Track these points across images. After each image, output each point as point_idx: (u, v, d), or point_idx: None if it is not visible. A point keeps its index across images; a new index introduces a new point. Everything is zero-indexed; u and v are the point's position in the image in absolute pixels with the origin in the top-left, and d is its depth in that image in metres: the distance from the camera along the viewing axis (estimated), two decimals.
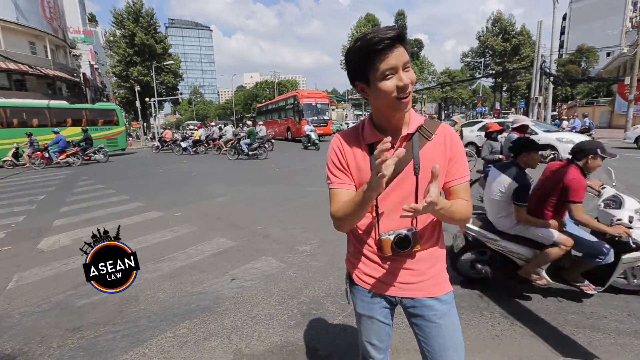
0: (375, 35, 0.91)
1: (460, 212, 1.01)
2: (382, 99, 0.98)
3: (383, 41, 0.91)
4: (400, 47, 0.92)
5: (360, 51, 0.94)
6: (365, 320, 1.19)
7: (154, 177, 10.04)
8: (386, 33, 0.91)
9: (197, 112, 77.72)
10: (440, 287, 1.11)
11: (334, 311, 2.59)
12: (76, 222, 5.35)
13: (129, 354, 2.18)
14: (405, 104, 0.97)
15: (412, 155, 1.03)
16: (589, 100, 33.46)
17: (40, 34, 26.87)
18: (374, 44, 0.91)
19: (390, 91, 0.95)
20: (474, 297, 2.74)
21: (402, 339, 2.19)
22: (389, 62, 0.92)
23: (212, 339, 2.31)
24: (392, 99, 0.97)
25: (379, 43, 0.91)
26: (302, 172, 9.76)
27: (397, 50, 0.92)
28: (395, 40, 0.91)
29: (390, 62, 0.93)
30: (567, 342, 2.15)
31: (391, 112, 1.02)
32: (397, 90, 0.95)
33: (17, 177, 11.27)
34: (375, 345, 1.20)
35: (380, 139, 1.00)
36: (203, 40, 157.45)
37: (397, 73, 0.93)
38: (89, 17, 53.63)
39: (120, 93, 40.33)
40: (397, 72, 0.93)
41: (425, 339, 1.11)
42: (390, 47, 0.92)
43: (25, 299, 2.95)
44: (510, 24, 42.48)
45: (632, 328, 2.26)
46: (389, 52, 0.91)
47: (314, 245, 3.99)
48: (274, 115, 27.33)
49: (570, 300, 2.63)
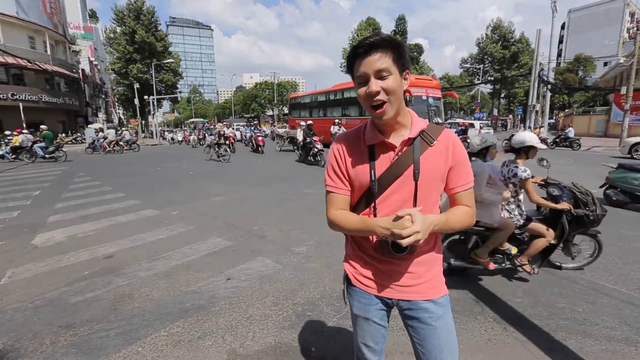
0: (360, 41, 0.93)
1: (460, 222, 1.05)
2: (363, 105, 1.02)
3: (360, 47, 0.93)
4: (376, 54, 0.92)
5: (349, 53, 0.98)
6: (361, 321, 1.20)
7: (153, 175, 10.00)
8: (366, 39, 0.92)
9: (196, 111, 77.52)
10: (437, 290, 1.12)
11: (329, 313, 2.59)
12: (71, 218, 5.32)
13: (122, 352, 2.18)
14: (379, 114, 0.97)
15: (413, 160, 1.03)
16: (586, 109, 33.75)
17: (40, 28, 26.74)
18: (353, 49, 0.95)
19: (363, 97, 0.98)
20: (468, 301, 2.75)
21: (396, 342, 2.20)
22: (360, 68, 0.95)
23: (207, 339, 2.31)
24: (366, 105, 0.99)
25: (356, 48, 0.94)
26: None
27: (372, 57, 0.92)
28: (371, 47, 0.91)
29: (360, 69, 0.95)
30: (559, 348, 2.17)
31: (376, 120, 1.03)
32: (367, 97, 0.96)
33: (12, 172, 11.18)
34: (371, 347, 1.21)
35: (382, 140, 1.04)
36: (204, 40, 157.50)
37: (368, 80, 0.94)
38: (90, 13, 53.49)
39: (119, 90, 40.13)
40: (369, 80, 0.94)
41: (421, 341, 1.11)
42: (365, 53, 0.93)
43: (18, 295, 2.93)
44: (509, 32, 42.80)
45: (623, 335, 2.29)
46: (363, 58, 0.93)
47: (310, 247, 3.99)
48: (335, 110, 18.71)
49: (562, 306, 2.65)
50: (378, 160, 1.05)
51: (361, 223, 1.03)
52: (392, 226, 0.93)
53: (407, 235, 0.89)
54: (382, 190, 1.05)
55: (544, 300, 2.74)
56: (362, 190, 1.09)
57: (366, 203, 1.09)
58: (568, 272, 3.23)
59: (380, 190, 1.05)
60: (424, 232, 0.91)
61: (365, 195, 1.08)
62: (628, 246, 3.92)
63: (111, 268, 3.42)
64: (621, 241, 4.08)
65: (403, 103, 1.03)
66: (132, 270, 3.37)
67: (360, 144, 1.08)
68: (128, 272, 3.34)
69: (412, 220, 0.91)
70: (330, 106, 19.52)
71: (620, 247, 3.89)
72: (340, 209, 1.11)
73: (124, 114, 61.31)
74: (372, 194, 1.06)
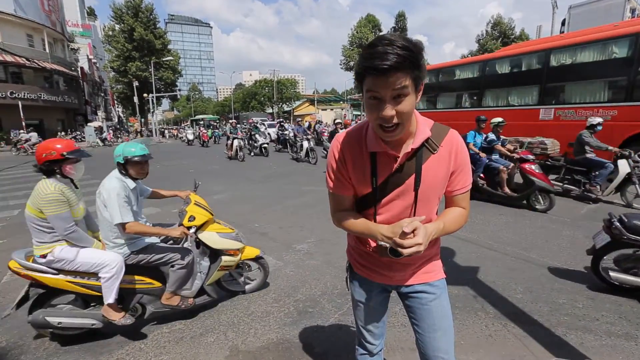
0: (375, 53, 0.80)
1: (456, 225, 1.08)
2: (368, 117, 0.94)
3: (375, 69, 0.81)
4: (394, 75, 0.80)
5: (360, 59, 0.86)
6: (362, 306, 1.25)
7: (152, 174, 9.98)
8: (385, 56, 0.79)
9: (196, 109, 77.40)
10: (433, 274, 1.18)
11: (330, 309, 2.60)
12: None
13: (125, 349, 2.19)
14: (389, 136, 0.91)
15: (415, 170, 1.01)
16: None
17: (38, 26, 26.61)
18: (368, 68, 0.82)
19: (372, 117, 0.90)
20: (468, 298, 2.76)
21: (397, 338, 2.21)
22: (373, 87, 0.84)
23: (208, 335, 2.32)
24: (375, 123, 0.91)
25: (370, 68, 0.81)
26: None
27: (390, 78, 0.81)
28: (390, 70, 0.79)
29: (375, 89, 0.84)
30: (559, 343, 2.18)
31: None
32: (378, 119, 0.88)
33: (13, 170, 11.18)
34: (371, 331, 1.27)
35: (384, 149, 0.98)
36: (202, 37, 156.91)
37: (382, 103, 0.85)
38: (88, 11, 53.21)
39: (118, 88, 40.05)
40: (383, 102, 0.85)
41: (417, 321, 1.18)
42: (382, 73, 0.80)
43: (20, 293, 2.93)
44: (509, 28, 42.66)
45: (623, 330, 2.30)
46: (379, 77, 0.82)
47: (311, 244, 4.00)
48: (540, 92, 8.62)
49: (562, 302, 2.67)
50: (379, 168, 1.03)
51: (365, 228, 1.06)
52: (394, 235, 0.94)
53: (408, 246, 0.90)
54: (383, 196, 1.06)
55: (544, 296, 2.75)
56: (362, 194, 1.10)
57: (367, 204, 1.10)
58: (568, 268, 3.24)
59: (381, 196, 1.06)
60: (425, 243, 0.92)
61: (367, 197, 1.09)
62: None
63: None
64: None
65: (413, 116, 0.95)
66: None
67: (362, 148, 1.03)
68: None
69: (414, 234, 0.91)
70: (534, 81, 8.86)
71: None
72: (345, 209, 1.14)
73: (123, 112, 61.19)
74: (373, 199, 1.07)
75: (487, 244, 3.93)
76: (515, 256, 3.56)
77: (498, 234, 4.23)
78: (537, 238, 4.07)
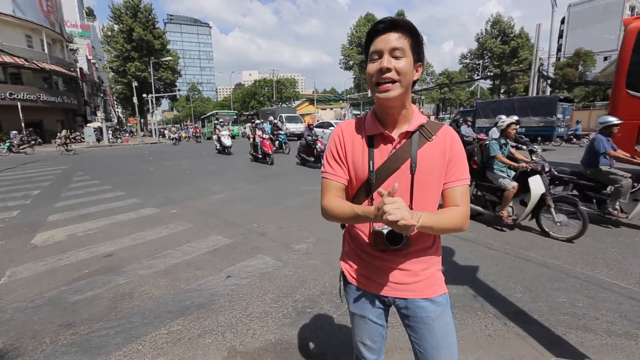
0: (378, 22, 0.98)
1: (452, 225, 0.99)
2: (368, 83, 1.02)
3: (382, 22, 0.96)
4: (392, 33, 0.94)
5: (370, 30, 1.01)
6: (358, 319, 1.18)
7: (152, 174, 9.99)
8: (385, 19, 0.97)
9: (195, 109, 77.33)
10: (435, 289, 1.09)
11: (329, 310, 2.59)
12: (71, 217, 5.32)
13: (122, 350, 2.18)
14: (382, 90, 0.96)
15: (410, 154, 1.02)
16: (586, 103, 33.68)
17: (36, 27, 26.60)
18: (374, 25, 0.99)
19: (371, 74, 0.98)
20: (467, 297, 2.75)
21: (395, 338, 2.20)
22: (377, 44, 0.96)
23: (207, 336, 2.31)
24: (372, 83, 0.99)
25: (377, 24, 0.98)
26: None
27: (389, 35, 0.94)
28: (393, 25, 0.94)
29: (377, 46, 0.96)
30: (559, 343, 2.17)
31: (378, 102, 1.03)
32: (377, 73, 0.96)
33: (12, 171, 11.17)
34: (368, 346, 1.18)
35: (381, 131, 1.04)
36: (202, 37, 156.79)
37: (382, 57, 0.95)
38: (87, 12, 53.18)
39: (117, 88, 40.02)
40: (382, 56, 0.95)
41: (418, 340, 1.09)
42: (382, 31, 0.95)
43: (18, 294, 2.93)
44: (509, 27, 42.64)
45: (623, 329, 2.29)
46: (379, 35, 0.96)
47: (309, 244, 3.99)
48: None
49: (562, 301, 2.66)
50: (376, 152, 1.05)
51: (351, 209, 1.00)
52: (381, 207, 0.86)
53: (390, 211, 0.82)
54: (379, 182, 1.04)
55: (544, 296, 2.74)
56: (360, 182, 1.08)
57: (365, 194, 1.07)
58: (567, 267, 3.23)
59: (377, 182, 1.04)
60: (409, 217, 0.83)
61: (364, 186, 1.07)
62: (627, 241, 3.92)
63: (111, 266, 3.41)
64: (620, 235, 4.09)
65: (410, 94, 1.03)
66: (132, 269, 3.37)
67: (361, 134, 1.08)
68: (128, 270, 3.34)
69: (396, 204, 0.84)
70: None
71: (619, 241, 3.89)
72: (335, 196, 1.09)
73: (122, 113, 61.18)
74: (370, 185, 1.05)
75: (487, 243, 3.92)
76: (515, 255, 3.55)
77: (498, 233, 4.22)
78: (536, 237, 4.06)
